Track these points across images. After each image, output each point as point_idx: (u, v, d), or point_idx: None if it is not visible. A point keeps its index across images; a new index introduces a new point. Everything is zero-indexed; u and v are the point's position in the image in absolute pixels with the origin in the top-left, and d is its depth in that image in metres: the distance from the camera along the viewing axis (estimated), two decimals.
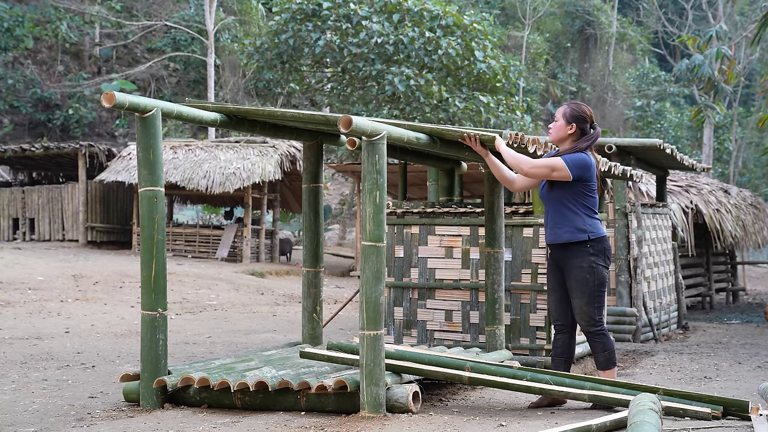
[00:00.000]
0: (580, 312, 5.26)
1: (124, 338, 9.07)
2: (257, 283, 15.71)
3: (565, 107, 5.35)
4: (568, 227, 5.23)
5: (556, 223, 5.28)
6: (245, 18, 28.52)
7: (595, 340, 5.27)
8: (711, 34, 16.69)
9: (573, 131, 5.28)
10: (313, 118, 5.54)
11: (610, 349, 5.27)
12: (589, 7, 36.22)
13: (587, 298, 5.22)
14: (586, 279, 5.21)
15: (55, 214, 20.09)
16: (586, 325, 5.26)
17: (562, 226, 5.25)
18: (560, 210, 5.26)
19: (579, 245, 5.22)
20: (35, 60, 30.09)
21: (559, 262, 5.34)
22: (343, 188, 31.35)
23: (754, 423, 4.42)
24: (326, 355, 5.51)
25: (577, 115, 5.29)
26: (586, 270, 5.21)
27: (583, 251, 5.21)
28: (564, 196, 5.24)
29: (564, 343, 5.41)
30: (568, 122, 5.29)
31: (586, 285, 5.22)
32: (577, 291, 5.24)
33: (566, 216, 5.24)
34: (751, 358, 8.14)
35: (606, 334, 5.28)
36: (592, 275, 5.21)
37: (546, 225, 5.40)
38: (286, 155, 19.09)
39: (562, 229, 5.25)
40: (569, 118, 5.29)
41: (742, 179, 34.50)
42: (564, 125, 5.30)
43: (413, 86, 17.81)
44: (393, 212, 7.39)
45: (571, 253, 5.25)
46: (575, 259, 5.23)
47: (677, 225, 12.11)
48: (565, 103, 5.40)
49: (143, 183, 5.21)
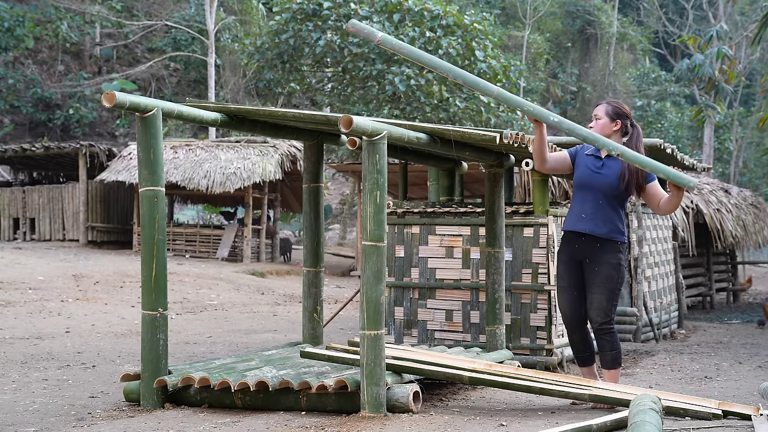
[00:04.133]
0: (599, 307, 5.26)
1: (125, 338, 9.07)
2: (258, 283, 15.71)
3: (606, 105, 5.37)
4: (610, 224, 5.25)
5: (599, 217, 5.25)
6: (246, 18, 28.52)
7: (605, 338, 5.28)
8: (711, 33, 16.67)
9: (618, 128, 5.31)
10: (313, 118, 5.54)
11: (617, 349, 5.29)
12: (590, 6, 36.21)
13: (608, 294, 5.25)
14: (612, 275, 5.24)
15: (55, 214, 20.09)
16: (601, 320, 5.26)
17: (606, 222, 5.25)
18: (606, 206, 5.26)
19: (611, 243, 5.26)
20: (36, 60, 30.09)
21: (583, 256, 5.29)
22: (343, 188, 31.35)
23: (754, 423, 4.41)
24: (327, 355, 5.51)
25: (620, 112, 5.33)
26: (614, 266, 5.24)
27: (614, 249, 5.26)
28: (616, 196, 5.26)
29: (582, 340, 5.40)
30: (612, 119, 5.31)
31: (611, 281, 5.24)
32: (601, 286, 5.25)
33: (610, 214, 5.25)
34: (751, 358, 8.14)
35: (615, 334, 5.31)
36: (617, 272, 5.25)
37: (580, 214, 5.29)
38: (287, 155, 19.08)
39: (605, 225, 5.24)
40: (612, 115, 5.31)
41: (743, 179, 34.49)
42: (609, 122, 5.30)
43: (414, 86, 17.81)
44: (393, 212, 7.39)
45: (604, 248, 5.25)
46: (606, 254, 5.25)
47: (678, 225, 12.10)
48: (604, 102, 5.43)
49: (144, 183, 5.21)
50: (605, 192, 5.25)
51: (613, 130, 5.30)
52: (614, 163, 5.25)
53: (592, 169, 5.29)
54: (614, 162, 5.25)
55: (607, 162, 5.28)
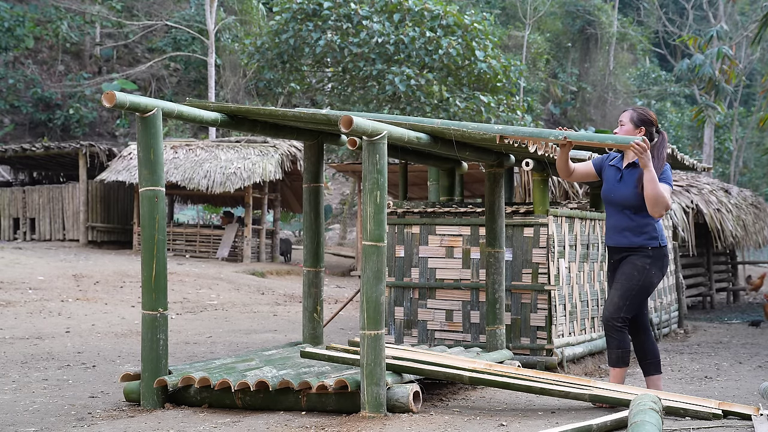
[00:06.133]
0: (610, 301, 5.31)
1: (125, 338, 9.07)
2: (258, 283, 15.71)
3: (631, 112, 5.37)
4: (637, 234, 5.27)
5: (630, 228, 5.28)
6: (246, 18, 28.52)
7: (612, 335, 5.31)
8: (712, 33, 16.66)
9: (642, 134, 5.28)
10: (313, 118, 5.53)
11: (624, 348, 5.30)
12: (590, 6, 36.20)
13: (623, 291, 5.27)
14: (633, 275, 5.26)
15: (55, 214, 20.09)
16: (609, 315, 5.29)
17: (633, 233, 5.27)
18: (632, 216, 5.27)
19: (641, 249, 5.28)
20: (36, 60, 30.09)
21: (618, 265, 5.38)
22: (343, 188, 31.34)
23: (754, 423, 4.41)
24: (327, 355, 5.51)
25: (645, 119, 5.32)
26: (638, 268, 5.26)
27: (644, 253, 5.27)
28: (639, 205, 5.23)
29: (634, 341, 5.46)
30: (637, 126, 5.31)
31: (630, 280, 5.26)
32: (618, 282, 5.30)
33: (635, 223, 5.27)
34: (751, 358, 8.14)
35: (624, 333, 5.30)
36: (640, 274, 5.25)
37: (609, 228, 5.40)
38: (287, 155, 19.08)
39: (633, 235, 5.28)
40: (637, 122, 5.31)
41: (743, 179, 34.49)
42: (633, 129, 5.31)
43: (414, 86, 17.81)
44: (394, 212, 7.38)
45: (632, 254, 5.30)
46: (633, 256, 5.29)
47: (678, 225, 12.10)
48: (630, 108, 5.44)
49: (144, 183, 5.21)
50: (626, 203, 5.29)
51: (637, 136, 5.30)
52: (633, 172, 5.27)
53: (612, 183, 5.36)
54: (633, 171, 5.27)
55: (626, 172, 5.31)
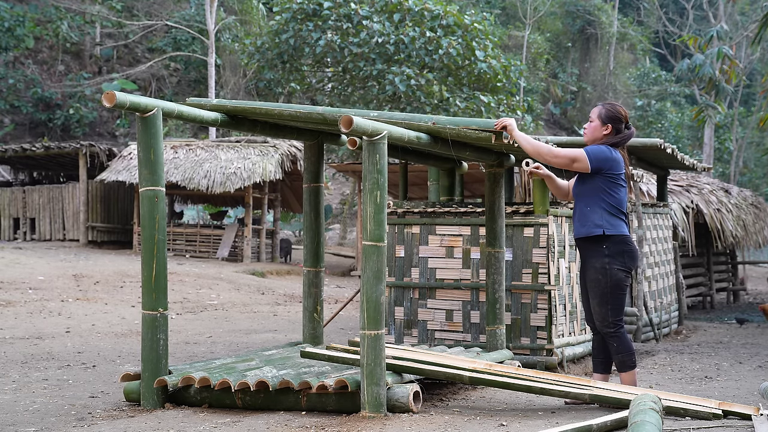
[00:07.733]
0: (594, 312, 5.30)
1: (125, 338, 9.07)
2: (258, 283, 15.70)
3: (600, 108, 5.34)
4: (586, 223, 5.23)
5: (578, 219, 5.31)
6: (246, 18, 28.52)
7: (611, 342, 5.29)
8: (712, 33, 16.65)
9: (608, 132, 5.27)
10: (311, 116, 5.53)
11: (625, 352, 5.25)
12: (590, 6, 36.21)
13: (599, 299, 5.24)
14: (598, 280, 5.22)
15: (55, 214, 20.09)
16: (600, 325, 5.29)
17: (583, 222, 5.26)
18: (581, 205, 5.28)
19: (595, 244, 5.22)
20: (36, 60, 30.08)
21: (582, 260, 5.38)
22: (344, 188, 31.33)
23: (754, 423, 4.41)
24: (327, 355, 5.51)
25: (612, 116, 5.28)
26: (599, 271, 5.21)
27: (599, 251, 5.21)
28: (586, 192, 5.24)
29: (599, 344, 5.41)
30: (604, 123, 5.28)
31: (599, 286, 5.23)
32: (591, 291, 5.28)
33: (584, 212, 5.25)
34: (751, 358, 8.13)
35: (621, 336, 5.26)
36: (604, 276, 5.20)
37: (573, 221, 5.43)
38: (287, 155, 19.08)
39: (583, 225, 5.26)
40: (604, 119, 5.28)
41: (743, 179, 34.48)
42: (599, 126, 5.28)
43: (414, 86, 17.80)
44: (394, 212, 7.38)
45: (588, 251, 5.27)
46: (591, 258, 5.26)
47: (678, 225, 12.10)
48: (600, 104, 5.40)
49: (144, 183, 5.21)
50: (577, 191, 5.33)
51: (604, 133, 5.29)
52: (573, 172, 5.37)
53: None
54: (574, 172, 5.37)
55: None
